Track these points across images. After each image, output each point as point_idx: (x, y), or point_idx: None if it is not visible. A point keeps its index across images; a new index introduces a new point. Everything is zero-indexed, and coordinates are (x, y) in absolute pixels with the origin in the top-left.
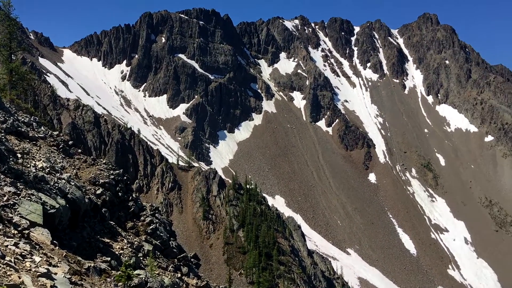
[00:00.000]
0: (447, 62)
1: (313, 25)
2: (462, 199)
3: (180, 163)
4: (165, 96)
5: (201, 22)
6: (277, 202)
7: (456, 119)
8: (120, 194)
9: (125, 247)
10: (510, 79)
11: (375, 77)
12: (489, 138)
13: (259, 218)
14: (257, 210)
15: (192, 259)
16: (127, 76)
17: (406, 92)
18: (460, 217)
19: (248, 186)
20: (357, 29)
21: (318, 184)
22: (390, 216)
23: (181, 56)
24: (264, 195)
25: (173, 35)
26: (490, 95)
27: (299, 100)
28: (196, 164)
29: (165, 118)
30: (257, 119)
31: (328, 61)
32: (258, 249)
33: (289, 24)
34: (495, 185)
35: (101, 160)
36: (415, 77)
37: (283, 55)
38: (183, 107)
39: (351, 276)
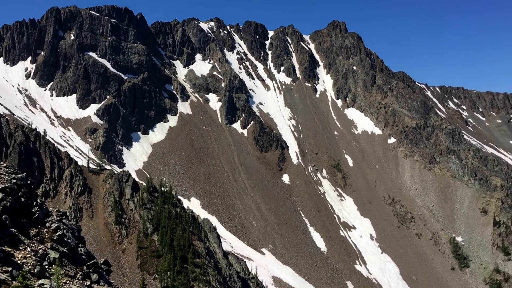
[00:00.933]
0: (354, 68)
1: (228, 27)
2: (368, 198)
3: (91, 165)
4: (74, 95)
5: (113, 20)
6: (193, 204)
7: (362, 122)
8: (23, 199)
9: (28, 255)
10: (410, 85)
11: (288, 80)
12: (391, 140)
13: (174, 221)
14: (172, 213)
15: (102, 266)
16: (31, 74)
17: (317, 95)
18: (366, 215)
19: (162, 189)
20: (271, 33)
21: (234, 185)
22: (303, 215)
23: (92, 54)
24: (179, 197)
25: (83, 32)
26: (393, 100)
27: (214, 102)
28: (108, 167)
29: (75, 119)
30: (172, 120)
31: (243, 64)
32: (173, 253)
33: (204, 26)
34: (397, 184)
35: (2, 163)
36: (325, 82)
37: (198, 56)
38: (94, 107)
39: (265, 276)
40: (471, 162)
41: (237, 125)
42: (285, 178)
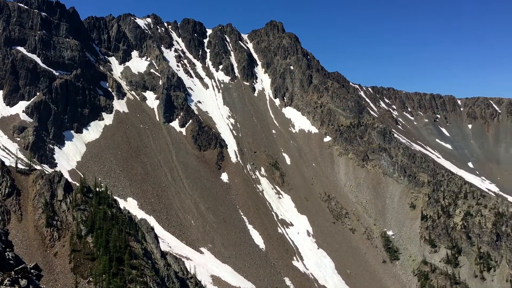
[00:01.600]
0: (291, 67)
1: (166, 24)
2: (305, 195)
3: (20, 166)
4: (0, 92)
5: (43, 14)
6: (130, 205)
7: (300, 121)
8: None
9: None
10: (345, 85)
11: (227, 79)
12: (327, 138)
13: (109, 222)
14: (107, 214)
15: (32, 270)
16: None
17: (255, 94)
18: (303, 212)
19: (97, 189)
20: (209, 31)
21: (172, 184)
22: (241, 213)
23: (20, 49)
24: (115, 197)
25: (10, 25)
26: (328, 100)
27: (152, 100)
28: (38, 167)
29: (1, 117)
30: (108, 119)
31: (182, 61)
32: (109, 255)
33: (141, 22)
34: (332, 181)
35: None
36: (263, 81)
37: (135, 53)
38: (22, 104)
39: (204, 275)
40: (400, 160)
41: (175, 124)
42: (224, 176)
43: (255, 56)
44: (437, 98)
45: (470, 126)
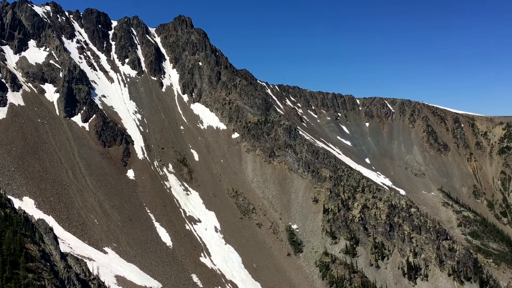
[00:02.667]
0: (200, 63)
1: (67, 14)
2: (213, 191)
3: None
4: None
5: None
6: (26, 204)
7: (208, 117)
8: None
9: None
10: (253, 82)
11: (133, 73)
12: (235, 135)
13: (3, 224)
14: (0, 215)
15: None
16: None
17: (163, 90)
18: (211, 208)
19: None
20: (114, 23)
21: (73, 182)
22: (148, 211)
23: None
24: (9, 197)
25: None
26: (237, 97)
27: (51, 93)
28: None
29: None
30: (1, 112)
31: (85, 53)
32: (2, 258)
33: (39, 10)
34: (240, 177)
35: None
36: (171, 76)
37: (32, 43)
38: None
39: (108, 275)
40: (305, 156)
41: (77, 119)
42: (130, 173)
43: (163, 50)
44: (339, 98)
45: (367, 124)
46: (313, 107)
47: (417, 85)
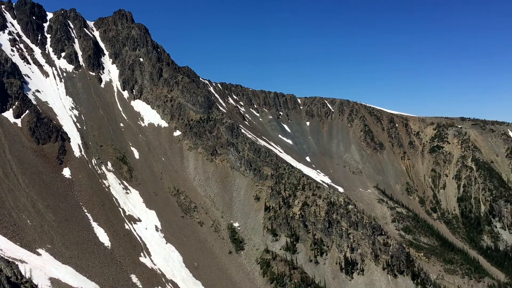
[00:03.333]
0: (141, 59)
1: None
2: (154, 190)
3: None
4: None
5: None
6: None
7: (149, 115)
8: None
9: None
10: (195, 80)
11: (70, 68)
12: (177, 133)
13: None
14: None
15: None
16: None
17: (102, 86)
18: (151, 207)
19: None
20: (50, 15)
21: (4, 181)
22: (85, 210)
23: None
24: None
25: None
26: (179, 94)
27: None
28: None
29: None
30: None
31: (17, 46)
32: None
33: None
34: (182, 176)
35: None
36: (111, 72)
37: None
38: None
39: (41, 278)
40: (247, 154)
41: (8, 114)
42: (66, 172)
43: (102, 45)
44: (280, 97)
45: (308, 123)
46: (255, 106)
47: (355, 85)
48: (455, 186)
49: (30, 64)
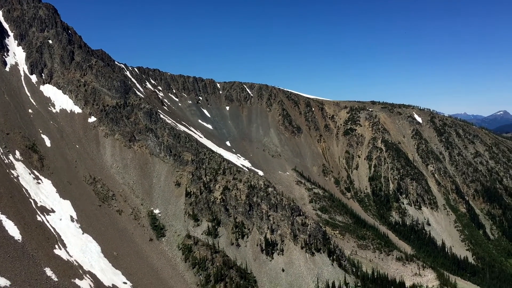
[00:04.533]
0: (50, 41)
1: None
2: (68, 179)
3: None
4: None
5: None
6: None
7: (61, 100)
8: None
9: None
10: (110, 64)
11: None
12: (92, 119)
13: None
14: None
15: None
16: None
17: (7, 69)
18: (66, 197)
19: None
20: None
21: None
22: None
23: None
24: None
25: None
26: (93, 78)
27: None
28: None
29: None
30: None
31: None
32: None
33: None
34: (98, 163)
35: None
36: (17, 54)
37: None
38: None
39: None
40: (166, 140)
41: None
42: None
43: (5, 25)
44: (200, 81)
45: (228, 108)
46: (174, 91)
47: (273, 71)
48: (367, 167)
49: None
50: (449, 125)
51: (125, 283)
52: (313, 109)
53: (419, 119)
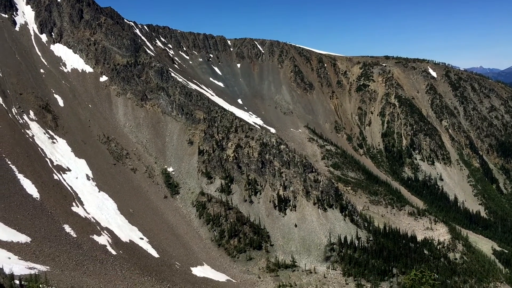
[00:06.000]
0: (59, 0)
1: None
2: (82, 138)
3: None
4: None
5: None
6: None
7: (72, 59)
8: None
9: None
10: (119, 22)
11: None
12: (103, 78)
13: None
14: None
15: None
16: None
17: (17, 29)
18: (81, 156)
19: None
20: None
21: None
22: (9, 162)
23: None
24: None
25: None
26: (103, 37)
27: None
28: None
29: None
30: None
31: None
32: None
33: None
34: (111, 123)
35: None
36: (26, 13)
37: None
38: None
39: None
40: (178, 98)
41: None
42: None
43: None
44: (210, 38)
45: (239, 65)
46: (184, 49)
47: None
48: (380, 123)
49: None
50: (465, 79)
51: (141, 238)
52: (326, 65)
53: (433, 74)
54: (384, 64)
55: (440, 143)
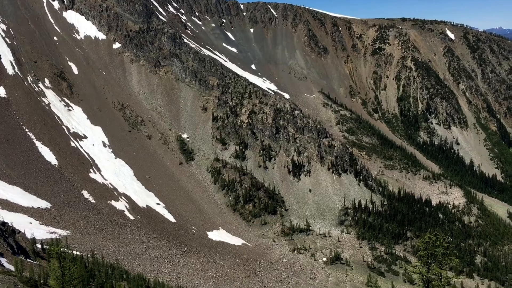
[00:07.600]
0: None
1: None
2: (97, 106)
3: None
4: None
5: None
6: None
7: (84, 26)
8: None
9: None
10: None
11: None
12: (116, 45)
13: None
14: None
15: None
16: None
17: None
18: (96, 123)
19: None
20: None
21: None
22: (27, 130)
23: None
24: None
25: None
26: (114, 3)
27: None
28: None
29: None
30: None
31: None
32: None
33: None
34: (125, 90)
35: None
36: None
37: None
38: None
39: None
40: (191, 64)
41: None
42: (1, 91)
43: None
44: (222, 3)
45: (252, 30)
46: (197, 14)
47: None
48: (395, 87)
49: None
50: (483, 41)
51: (158, 204)
52: (340, 28)
53: (451, 36)
54: (400, 27)
55: (457, 107)
